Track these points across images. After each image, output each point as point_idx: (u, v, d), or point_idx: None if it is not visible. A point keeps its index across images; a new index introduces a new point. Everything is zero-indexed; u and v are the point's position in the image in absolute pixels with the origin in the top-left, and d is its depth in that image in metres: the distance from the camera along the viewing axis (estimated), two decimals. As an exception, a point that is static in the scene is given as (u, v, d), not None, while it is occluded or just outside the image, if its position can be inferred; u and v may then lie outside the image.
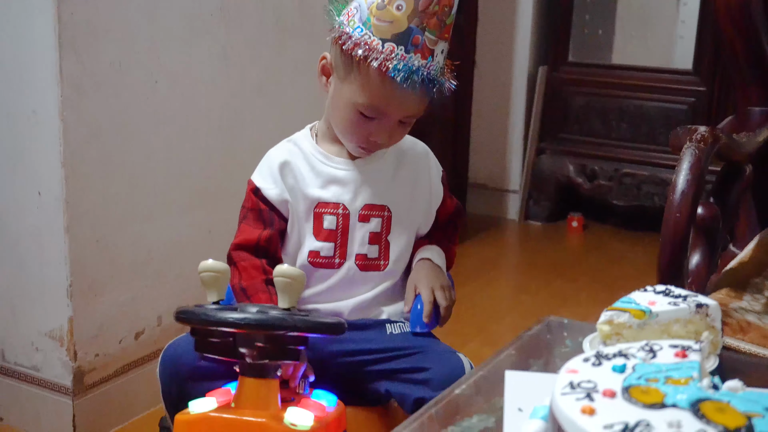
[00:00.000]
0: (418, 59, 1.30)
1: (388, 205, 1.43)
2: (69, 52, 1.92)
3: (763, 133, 1.83)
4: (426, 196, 1.48)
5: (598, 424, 0.66)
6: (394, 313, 1.45)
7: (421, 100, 1.34)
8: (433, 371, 1.30)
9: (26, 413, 2.16)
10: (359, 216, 1.41)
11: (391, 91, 1.31)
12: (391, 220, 1.42)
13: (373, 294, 1.43)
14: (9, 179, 2.06)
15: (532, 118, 4.15)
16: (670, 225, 1.45)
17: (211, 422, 1.15)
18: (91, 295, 2.07)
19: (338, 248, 1.41)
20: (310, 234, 1.41)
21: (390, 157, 1.46)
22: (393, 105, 1.33)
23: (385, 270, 1.43)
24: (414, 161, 1.48)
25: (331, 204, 1.41)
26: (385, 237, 1.42)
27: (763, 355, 1.42)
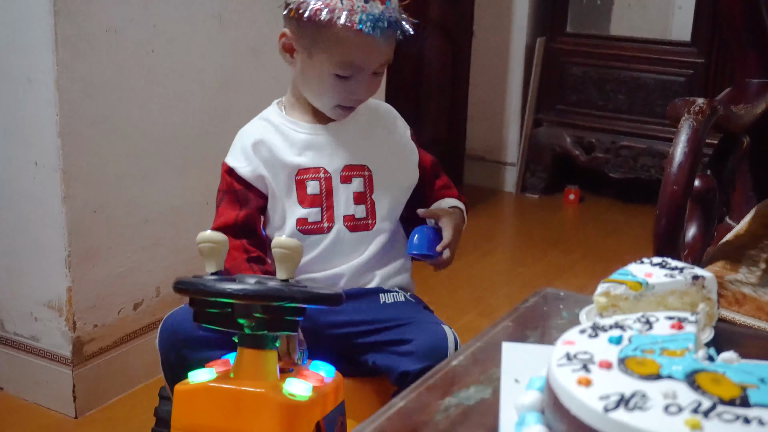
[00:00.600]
0: (377, 6, 1.32)
1: (367, 164, 1.43)
2: (64, 16, 1.91)
3: (761, 105, 1.83)
4: (402, 152, 1.48)
5: (594, 395, 0.66)
6: (386, 276, 1.45)
7: (389, 46, 1.37)
8: (416, 343, 1.30)
9: (26, 383, 2.17)
10: (341, 177, 1.42)
11: (362, 44, 1.33)
12: (372, 179, 1.43)
13: (367, 256, 1.44)
14: (5, 149, 2.05)
15: (530, 90, 4.14)
16: (667, 197, 1.45)
17: (211, 392, 1.15)
18: (90, 265, 2.07)
19: (325, 212, 1.41)
20: (295, 202, 1.42)
21: (362, 118, 1.47)
22: (366, 57, 1.35)
23: (374, 229, 1.43)
24: (384, 120, 1.50)
25: (312, 169, 1.42)
26: (369, 196, 1.43)
27: (758, 327, 1.43)
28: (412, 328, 1.33)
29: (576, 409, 0.67)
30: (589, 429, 0.65)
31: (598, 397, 0.66)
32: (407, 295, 1.45)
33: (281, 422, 1.13)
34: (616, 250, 3.42)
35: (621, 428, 0.63)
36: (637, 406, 0.64)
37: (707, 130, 1.50)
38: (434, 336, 1.31)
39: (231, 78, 2.39)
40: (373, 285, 1.43)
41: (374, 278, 1.44)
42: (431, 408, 0.83)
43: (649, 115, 3.87)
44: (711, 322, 1.00)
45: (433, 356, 1.28)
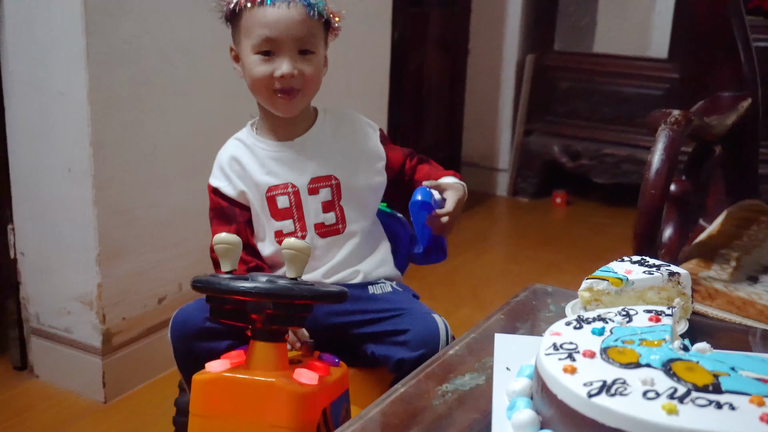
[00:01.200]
0: None
1: (333, 173, 1.42)
2: (94, 35, 1.91)
3: (732, 116, 1.83)
4: (367, 157, 1.46)
5: (578, 382, 0.66)
6: (368, 270, 1.44)
7: (302, 20, 1.33)
8: (411, 333, 1.30)
9: (59, 371, 2.17)
10: (308, 190, 1.41)
11: (270, 16, 1.32)
12: (340, 187, 1.41)
13: (341, 257, 1.42)
14: (40, 157, 2.06)
15: (521, 102, 4.14)
16: (646, 200, 1.45)
17: (226, 382, 1.15)
18: (118, 263, 2.08)
19: (297, 222, 1.41)
20: (268, 216, 1.42)
21: (326, 129, 1.45)
22: (277, 28, 1.32)
23: (345, 232, 1.42)
24: (348, 127, 1.47)
25: (280, 185, 1.41)
26: (338, 203, 1.42)
27: (729, 320, 1.42)
28: (406, 318, 1.32)
29: (562, 395, 0.67)
30: (574, 413, 0.65)
31: (582, 384, 0.65)
32: (393, 284, 1.44)
33: (291, 409, 1.13)
34: (600, 249, 3.42)
35: (603, 412, 0.63)
36: (618, 392, 0.64)
37: (683, 139, 1.50)
38: (427, 326, 1.31)
39: (244, 89, 2.39)
40: (358, 281, 1.42)
41: (358, 274, 1.43)
42: (429, 394, 0.83)
43: (630, 125, 3.87)
44: (686, 315, 1.00)
45: (427, 345, 1.28)
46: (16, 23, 2.00)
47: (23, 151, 2.08)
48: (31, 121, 2.05)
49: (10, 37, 2.02)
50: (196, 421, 1.18)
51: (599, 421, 0.63)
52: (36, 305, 2.18)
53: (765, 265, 1.67)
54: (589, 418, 0.64)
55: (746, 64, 1.91)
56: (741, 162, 2.00)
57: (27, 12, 1.98)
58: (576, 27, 4.04)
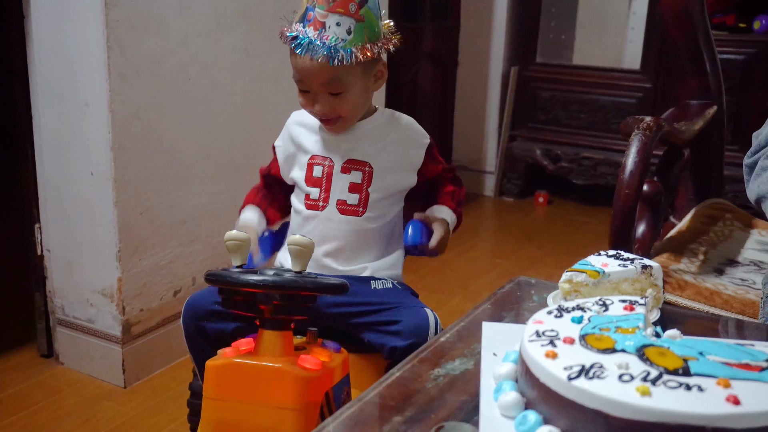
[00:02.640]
0: (311, 31, 1.30)
1: (369, 161, 1.42)
2: (115, 50, 1.91)
3: (699, 122, 1.83)
4: (407, 161, 1.46)
5: (559, 366, 0.66)
6: (377, 269, 1.44)
7: (326, 67, 1.30)
8: (403, 323, 1.30)
9: (83, 358, 2.17)
10: (341, 168, 1.42)
11: (300, 62, 1.32)
12: (372, 175, 1.42)
13: (353, 240, 1.43)
14: (65, 162, 2.05)
15: (506, 110, 4.14)
16: (621, 199, 1.45)
17: (236, 367, 1.15)
18: (136, 258, 2.07)
19: (322, 193, 1.42)
20: (302, 180, 1.44)
21: (377, 126, 1.46)
22: (304, 72, 1.33)
23: (363, 216, 1.42)
24: (399, 131, 1.48)
25: (320, 157, 1.44)
26: (366, 188, 1.42)
27: (697, 309, 1.42)
28: (400, 310, 1.33)
29: (544, 378, 0.66)
30: (556, 395, 0.65)
31: (562, 368, 0.65)
32: (395, 282, 1.44)
33: (296, 392, 1.13)
34: (579, 244, 3.42)
35: (582, 394, 0.63)
36: (595, 375, 0.64)
37: (654, 144, 1.50)
38: (418, 317, 1.31)
39: (255, 100, 2.39)
40: (366, 274, 1.43)
41: (366, 269, 1.43)
42: (423, 377, 0.83)
43: (606, 131, 3.88)
44: (658, 304, 1.00)
45: (417, 334, 1.28)
46: (43, 39, 2.00)
47: (50, 156, 2.08)
48: (57, 129, 2.05)
49: (38, 52, 2.01)
50: (208, 404, 1.18)
51: (578, 402, 0.63)
52: (61, 298, 2.18)
53: (730, 259, 1.67)
54: (569, 400, 0.63)
55: (712, 75, 1.91)
56: (707, 164, 2.00)
57: (53, 29, 1.97)
58: (556, 41, 4.04)
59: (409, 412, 0.75)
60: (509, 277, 1.17)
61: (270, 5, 2.37)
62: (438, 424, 0.72)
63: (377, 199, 1.43)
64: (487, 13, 4.10)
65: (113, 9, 1.89)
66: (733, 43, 3.49)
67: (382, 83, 1.43)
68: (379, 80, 1.42)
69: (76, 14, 1.92)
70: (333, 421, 0.73)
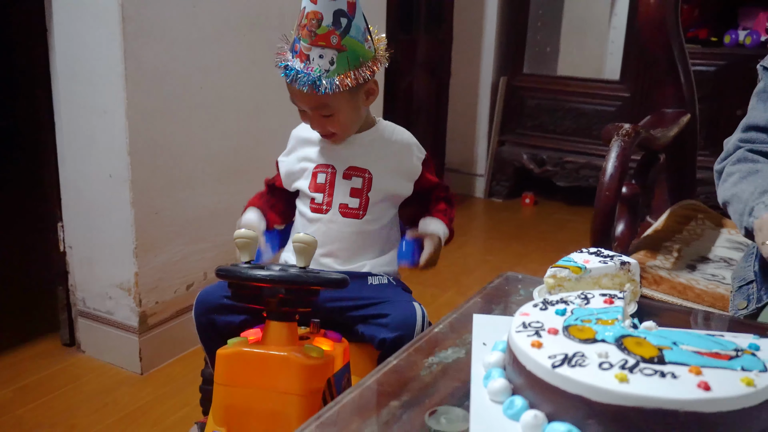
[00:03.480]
0: (298, 62, 1.31)
1: (368, 168, 1.43)
2: (131, 61, 1.91)
3: (674, 129, 1.83)
4: (402, 169, 1.46)
5: (544, 355, 0.66)
6: (374, 266, 1.44)
7: (314, 95, 1.31)
8: (391, 317, 1.30)
9: (102, 347, 2.17)
10: (343, 174, 1.42)
11: (291, 89, 1.34)
12: (371, 181, 1.42)
13: (355, 241, 1.43)
14: (86, 165, 2.05)
15: (495, 117, 4.14)
16: (601, 200, 1.45)
17: (245, 356, 1.15)
18: (152, 255, 2.07)
19: (326, 197, 1.42)
20: (307, 186, 1.44)
21: (376, 137, 1.46)
22: (297, 99, 1.35)
23: (363, 219, 1.43)
24: (397, 142, 1.48)
25: (323, 165, 1.44)
26: (366, 193, 1.42)
27: (671, 302, 1.43)
28: (389, 305, 1.32)
29: (530, 366, 0.67)
30: (541, 381, 0.65)
31: (547, 357, 0.66)
32: (390, 278, 1.45)
33: (300, 379, 1.13)
34: (562, 242, 3.42)
35: (565, 381, 0.63)
36: (577, 364, 0.64)
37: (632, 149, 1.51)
38: (406, 311, 1.31)
39: (260, 108, 2.39)
40: (365, 270, 1.43)
41: (365, 266, 1.44)
42: (418, 365, 0.83)
43: (588, 136, 3.88)
44: (635, 298, 1.00)
45: (405, 327, 1.28)
46: (65, 51, 2.00)
47: (71, 160, 2.08)
48: (77, 135, 2.04)
49: (60, 64, 2.01)
50: (219, 389, 1.18)
51: (562, 388, 0.63)
52: (82, 291, 2.18)
53: (702, 256, 1.68)
54: (553, 386, 0.64)
55: (685, 85, 1.92)
56: (681, 168, 2.01)
57: (74, 42, 1.97)
58: (542, 53, 4.05)
59: (405, 398, 0.75)
60: (498, 273, 1.17)
61: (273, 19, 2.37)
62: (432, 408, 0.72)
63: (376, 202, 1.43)
64: (477, 27, 4.10)
65: (129, 23, 1.89)
66: (705, 55, 3.49)
67: (374, 99, 1.42)
68: (370, 97, 1.41)
69: (94, 28, 1.92)
70: (335, 406, 0.73)
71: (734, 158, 1.24)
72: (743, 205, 1.12)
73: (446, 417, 0.71)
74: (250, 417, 1.16)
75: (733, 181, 1.19)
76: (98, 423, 1.86)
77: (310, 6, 1.28)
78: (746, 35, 3.47)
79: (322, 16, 1.28)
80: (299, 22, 1.30)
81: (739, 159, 1.23)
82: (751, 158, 1.21)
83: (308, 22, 1.28)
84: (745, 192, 1.14)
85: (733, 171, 1.22)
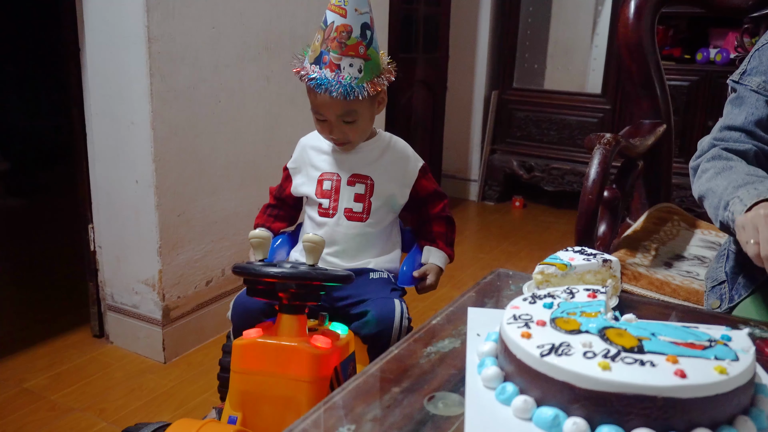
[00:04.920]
0: (328, 72, 1.30)
1: (370, 175, 1.43)
2: (156, 77, 1.91)
3: (651, 138, 1.83)
4: (400, 176, 1.46)
5: (533, 345, 0.66)
6: (377, 264, 1.44)
7: (340, 102, 1.32)
8: (371, 314, 1.30)
9: (129, 338, 2.16)
10: (348, 181, 1.42)
11: (318, 98, 1.33)
12: (373, 187, 1.42)
13: (359, 242, 1.43)
14: (115, 172, 2.05)
15: (487, 127, 4.14)
16: (584, 203, 1.44)
17: (259, 345, 1.15)
18: (174, 253, 2.07)
19: (332, 203, 1.42)
20: (313, 193, 1.44)
21: (377, 147, 1.45)
22: (323, 107, 1.34)
23: (366, 222, 1.42)
24: (395, 151, 1.47)
25: (329, 173, 1.43)
26: (368, 198, 1.42)
27: (650, 297, 1.42)
28: (372, 303, 1.32)
29: (520, 355, 0.66)
30: (530, 369, 0.65)
31: (536, 346, 0.65)
32: (391, 275, 1.44)
33: (309, 367, 1.13)
34: (549, 242, 3.42)
35: (552, 368, 0.62)
36: (563, 353, 0.64)
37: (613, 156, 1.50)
38: (385, 309, 1.30)
39: (275, 120, 2.39)
40: (369, 266, 1.43)
41: (369, 263, 1.44)
42: (417, 354, 0.82)
43: (572, 145, 3.88)
44: (616, 292, 1.00)
45: (383, 323, 1.28)
46: (95, 69, 2.00)
47: (101, 168, 2.08)
48: (107, 144, 2.05)
49: (91, 80, 2.01)
50: (236, 377, 1.18)
51: (549, 375, 0.63)
52: (111, 287, 2.18)
53: (677, 254, 1.67)
54: (542, 373, 0.63)
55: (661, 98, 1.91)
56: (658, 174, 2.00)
57: (104, 60, 1.98)
58: (530, 69, 4.05)
59: (405, 384, 0.75)
60: (490, 270, 1.17)
61: (287, 41, 2.37)
62: (430, 393, 0.72)
63: (377, 207, 1.43)
64: (471, 46, 4.10)
65: (155, 43, 1.89)
66: (680, 71, 3.49)
67: (383, 107, 1.43)
68: (380, 105, 1.42)
69: (123, 47, 1.92)
70: (341, 391, 0.73)
71: (709, 155, 1.22)
72: (718, 199, 1.10)
73: (443, 402, 0.70)
74: (263, 402, 1.15)
75: (708, 176, 1.17)
76: (126, 407, 1.86)
77: (340, 20, 1.29)
78: (716, 53, 3.46)
79: (352, 29, 1.29)
80: (327, 36, 1.30)
81: (713, 156, 1.21)
82: (725, 156, 1.19)
83: (338, 35, 1.29)
84: (719, 187, 1.12)
85: (708, 167, 1.20)
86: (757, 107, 1.20)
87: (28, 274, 2.82)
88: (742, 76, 1.23)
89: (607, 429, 0.59)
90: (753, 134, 1.19)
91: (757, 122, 1.19)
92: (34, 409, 1.83)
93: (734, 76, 1.25)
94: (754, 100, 1.20)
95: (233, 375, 1.18)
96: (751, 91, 1.20)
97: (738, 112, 1.22)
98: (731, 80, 1.26)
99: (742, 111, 1.22)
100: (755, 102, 1.20)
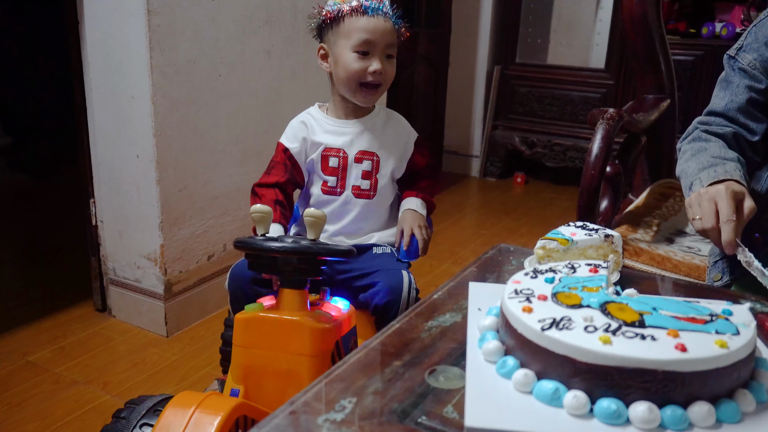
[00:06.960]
0: (375, 1, 1.34)
1: (376, 152, 1.42)
2: (157, 51, 1.90)
3: (654, 113, 1.81)
4: (401, 150, 1.46)
5: (534, 319, 0.66)
6: (381, 237, 1.44)
7: (391, 29, 1.35)
8: (381, 284, 1.30)
9: (131, 312, 2.17)
10: (355, 158, 1.41)
11: (369, 23, 1.33)
12: (379, 164, 1.41)
13: (366, 219, 1.42)
14: (116, 147, 2.05)
15: (489, 103, 4.11)
16: (587, 179, 1.44)
17: (261, 320, 1.15)
18: (176, 228, 2.07)
19: (339, 181, 1.41)
20: (320, 170, 1.42)
21: (378, 120, 1.44)
22: (374, 33, 1.33)
23: (374, 199, 1.42)
24: (395, 125, 1.47)
25: (334, 149, 1.41)
26: (375, 175, 1.41)
27: (651, 272, 1.42)
28: (381, 273, 1.32)
29: (521, 329, 0.66)
30: (531, 343, 0.65)
31: (537, 321, 0.65)
32: (394, 249, 1.44)
33: (311, 341, 1.13)
34: (551, 217, 3.42)
35: (553, 342, 0.62)
36: (565, 327, 0.64)
37: (616, 132, 1.49)
38: (394, 280, 1.30)
39: (276, 95, 2.38)
40: (372, 242, 1.43)
41: (373, 237, 1.44)
42: (419, 328, 0.82)
43: (575, 121, 3.86)
44: (618, 267, 1.00)
45: (393, 293, 1.28)
46: (95, 42, 1.98)
47: (102, 142, 2.07)
48: (108, 119, 2.04)
49: (91, 53, 2.00)
50: (238, 351, 1.18)
51: (550, 349, 0.63)
52: (113, 261, 2.18)
53: (679, 230, 1.67)
54: (542, 347, 0.63)
55: (665, 73, 1.90)
56: (661, 150, 1.99)
57: (104, 33, 1.96)
58: (533, 44, 4.01)
59: (406, 358, 0.75)
60: (492, 245, 1.16)
61: (288, 14, 2.34)
62: (431, 367, 0.72)
63: (384, 184, 1.43)
64: (473, 21, 4.06)
65: (155, 16, 1.87)
66: (684, 46, 3.46)
67: None
68: None
69: (123, 20, 1.90)
70: (342, 365, 0.73)
71: (690, 138, 1.26)
72: (688, 180, 1.14)
73: (444, 375, 0.70)
74: (265, 375, 1.16)
75: (685, 158, 1.21)
76: (129, 380, 1.87)
77: None
78: (722, 27, 3.43)
79: None
80: None
81: (693, 138, 1.24)
82: (704, 137, 1.22)
83: None
84: (690, 168, 1.16)
85: (686, 149, 1.23)
86: (737, 93, 1.23)
87: (31, 248, 2.83)
88: (738, 52, 1.24)
89: (608, 402, 0.59)
90: (734, 120, 1.23)
91: (738, 108, 1.22)
92: (39, 382, 1.84)
93: (731, 51, 1.26)
94: (737, 83, 1.23)
95: (235, 349, 1.18)
96: (740, 70, 1.23)
97: (722, 96, 1.25)
98: (727, 55, 1.27)
99: (725, 95, 1.25)
100: (738, 84, 1.23)
